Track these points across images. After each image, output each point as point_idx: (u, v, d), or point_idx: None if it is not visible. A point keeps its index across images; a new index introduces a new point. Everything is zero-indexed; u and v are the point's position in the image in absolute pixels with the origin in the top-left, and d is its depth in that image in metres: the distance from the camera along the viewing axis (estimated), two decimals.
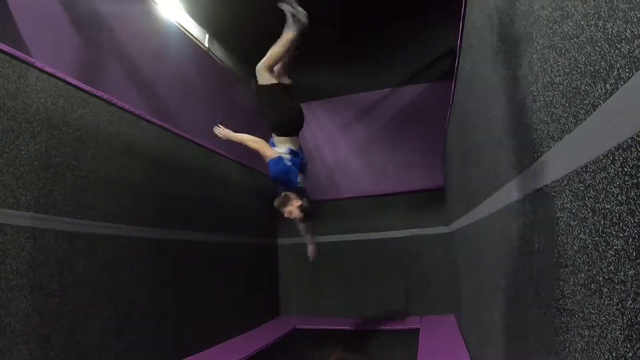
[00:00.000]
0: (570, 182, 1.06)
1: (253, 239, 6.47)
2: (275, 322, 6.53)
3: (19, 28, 3.17)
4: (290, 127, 3.62)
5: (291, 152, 3.49)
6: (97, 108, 3.60)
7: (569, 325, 1.13)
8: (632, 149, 0.75)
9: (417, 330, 5.20)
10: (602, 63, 0.87)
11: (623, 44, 0.79)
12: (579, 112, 1.00)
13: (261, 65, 3.41)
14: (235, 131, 3.87)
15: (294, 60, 3.63)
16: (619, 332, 0.84)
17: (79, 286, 3.20)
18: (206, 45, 6.25)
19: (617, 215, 0.83)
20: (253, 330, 5.87)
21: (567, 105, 1.07)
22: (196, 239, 4.86)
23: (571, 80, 1.04)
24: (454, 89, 3.80)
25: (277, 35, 3.58)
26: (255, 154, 3.67)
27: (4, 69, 2.76)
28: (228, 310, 5.40)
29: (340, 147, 7.79)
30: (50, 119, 3.10)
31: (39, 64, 3.01)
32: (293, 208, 3.51)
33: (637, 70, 0.74)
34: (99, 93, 3.61)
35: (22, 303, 2.71)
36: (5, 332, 2.57)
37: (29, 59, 2.96)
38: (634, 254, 0.76)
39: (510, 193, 1.72)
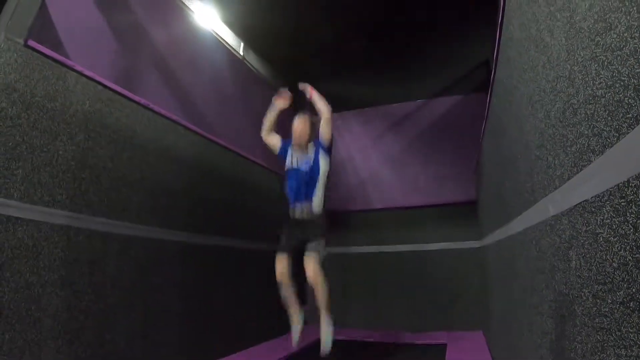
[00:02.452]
0: (611, 197, 1.04)
1: None
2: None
3: (59, 33, 3.29)
4: None
5: None
6: (134, 112, 3.70)
7: (605, 345, 1.09)
8: None
9: (444, 345, 5.11)
10: None
11: None
12: (621, 125, 0.97)
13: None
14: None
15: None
16: None
17: (110, 286, 3.28)
18: (241, 53, 6.34)
19: None
20: (278, 337, 5.87)
21: (609, 118, 1.04)
22: (226, 245, 4.92)
23: (614, 93, 1.01)
24: (489, 101, 3.75)
25: (311, 44, 3.66)
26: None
27: (44, 71, 2.88)
28: (254, 317, 5.43)
29: (372, 158, 7.76)
30: (87, 121, 3.20)
31: (78, 67, 3.13)
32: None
33: None
34: (136, 98, 3.71)
35: (53, 299, 2.80)
36: (35, 326, 2.66)
37: (68, 62, 3.07)
38: None
39: (547, 208, 1.68)
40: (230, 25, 5.97)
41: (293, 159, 3.70)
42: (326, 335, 3.58)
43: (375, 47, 6.42)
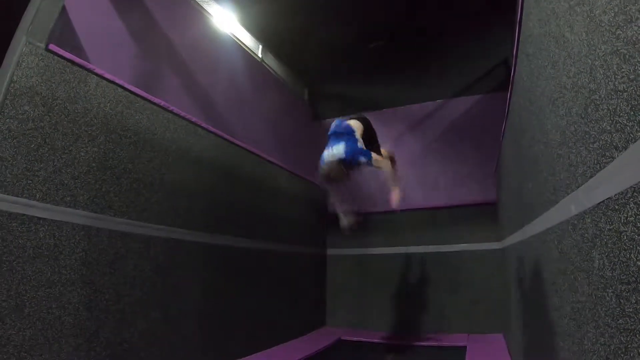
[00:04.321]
0: (635, 194, 1.00)
1: (302, 248, 6.51)
2: (320, 332, 6.51)
3: (79, 36, 3.35)
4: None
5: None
6: (154, 114, 3.74)
7: (629, 346, 1.06)
8: None
9: (464, 348, 5.05)
10: None
11: None
12: None
13: None
14: (286, 139, 4.04)
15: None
16: None
17: (129, 285, 3.32)
18: (259, 55, 6.38)
19: None
20: (298, 338, 5.88)
21: (632, 113, 1.01)
22: (246, 246, 4.94)
23: (636, 87, 0.98)
24: (509, 99, 3.70)
25: (329, 45, 3.71)
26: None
27: (65, 74, 2.93)
28: (274, 318, 5.44)
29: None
30: (108, 123, 3.25)
31: (98, 71, 3.18)
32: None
33: None
34: (156, 100, 3.75)
35: (74, 297, 2.84)
36: (55, 324, 2.70)
37: (89, 66, 3.12)
38: None
39: (569, 207, 1.64)
40: (249, 28, 6.02)
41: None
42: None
43: (394, 48, 6.40)
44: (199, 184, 4.26)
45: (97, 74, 3.19)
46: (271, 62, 6.75)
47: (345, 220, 4.41)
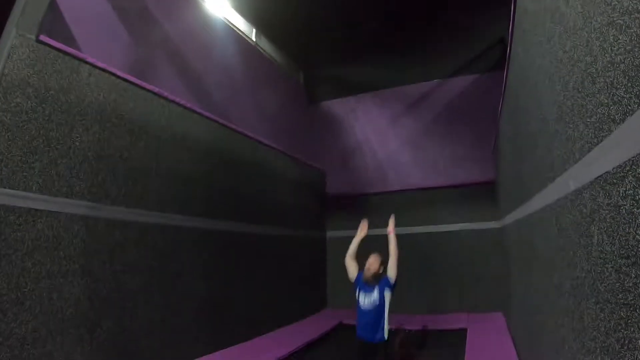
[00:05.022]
0: (633, 167, 0.99)
1: (301, 232, 6.53)
2: (321, 315, 6.54)
3: (70, 26, 3.30)
4: None
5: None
6: (148, 101, 3.72)
7: (629, 321, 1.06)
8: None
9: (465, 330, 5.06)
10: None
11: None
12: None
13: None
14: (282, 122, 3.93)
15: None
16: None
17: (129, 273, 3.33)
18: (253, 39, 6.32)
19: None
20: (299, 322, 5.91)
21: (629, 85, 0.99)
22: (245, 230, 4.94)
23: (633, 58, 0.96)
24: (506, 77, 3.67)
25: (324, 27, 3.62)
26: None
27: (57, 64, 2.90)
28: (275, 302, 5.47)
29: (389, 139, 7.71)
30: (102, 112, 3.23)
31: (90, 59, 3.15)
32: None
33: None
34: (149, 87, 3.72)
35: (74, 288, 2.85)
36: (57, 315, 2.71)
37: (81, 55, 3.09)
38: None
39: (567, 183, 1.63)
40: (242, 12, 5.94)
41: (362, 297, 3.86)
42: None
43: (390, 28, 6.33)
44: (196, 170, 4.25)
45: (89, 63, 3.15)
46: (265, 46, 6.69)
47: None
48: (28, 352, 2.50)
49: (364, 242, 4.21)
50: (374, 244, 6.90)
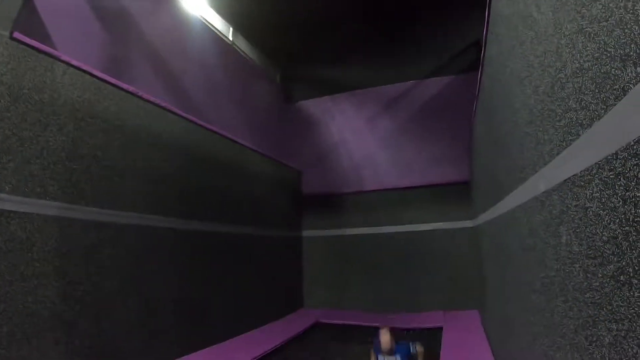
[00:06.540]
0: (600, 170, 1.02)
1: (277, 231, 6.52)
2: (298, 315, 6.54)
3: (45, 24, 3.24)
4: None
5: None
6: (123, 100, 3.67)
7: (597, 319, 1.09)
8: None
9: (441, 328, 5.12)
10: (633, 46, 0.84)
11: None
12: (609, 97, 0.96)
13: None
14: (258, 122, 3.88)
15: None
16: None
17: (105, 275, 3.28)
18: (230, 38, 6.28)
19: None
20: (275, 322, 5.91)
21: (596, 91, 1.03)
22: (221, 230, 4.92)
23: (601, 65, 1.00)
24: (480, 79, 3.73)
25: (302, 27, 3.61)
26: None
27: (31, 62, 2.84)
28: (251, 302, 5.45)
29: (365, 139, 7.74)
30: (76, 112, 3.17)
31: (65, 58, 3.09)
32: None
33: None
34: (124, 86, 3.67)
35: (49, 290, 2.80)
36: (32, 318, 2.66)
37: (55, 53, 3.03)
38: None
39: (537, 184, 1.68)
40: (219, 10, 5.90)
41: None
42: None
43: (367, 29, 6.37)
44: (172, 170, 4.21)
45: (64, 61, 3.09)
46: (242, 45, 6.65)
47: None
48: (3, 355, 2.44)
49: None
50: (352, 244, 6.96)
